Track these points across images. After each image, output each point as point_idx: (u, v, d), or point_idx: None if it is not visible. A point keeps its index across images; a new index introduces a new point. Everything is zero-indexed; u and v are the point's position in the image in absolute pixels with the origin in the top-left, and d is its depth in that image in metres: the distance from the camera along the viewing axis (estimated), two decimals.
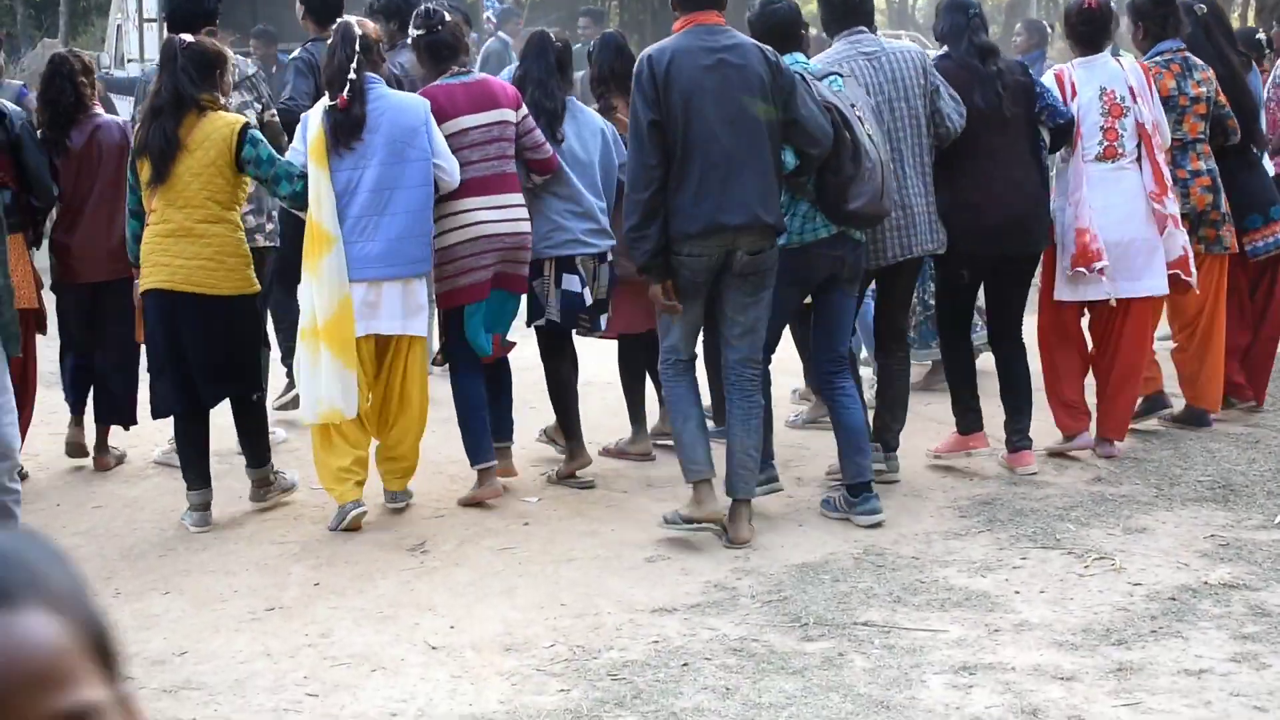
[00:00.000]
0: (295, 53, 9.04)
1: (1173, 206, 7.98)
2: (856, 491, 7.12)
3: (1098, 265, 7.75)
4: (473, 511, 7.38)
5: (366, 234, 7.13)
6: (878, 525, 7.02)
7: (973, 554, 6.62)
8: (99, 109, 8.25)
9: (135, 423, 8.34)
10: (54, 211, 8.16)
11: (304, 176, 7.18)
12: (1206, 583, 6.17)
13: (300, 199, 7.23)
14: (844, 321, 7.43)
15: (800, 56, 7.25)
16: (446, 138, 7.33)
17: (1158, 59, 8.30)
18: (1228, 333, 8.75)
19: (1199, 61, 8.39)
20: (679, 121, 6.54)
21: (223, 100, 7.33)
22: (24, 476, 7.86)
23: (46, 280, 8.21)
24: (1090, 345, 8.35)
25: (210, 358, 7.30)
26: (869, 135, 6.83)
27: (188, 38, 7.34)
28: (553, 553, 6.76)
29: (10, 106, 8.11)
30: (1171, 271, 7.98)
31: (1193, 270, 8.04)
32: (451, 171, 7.27)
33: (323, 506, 7.50)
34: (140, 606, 6.22)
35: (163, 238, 7.16)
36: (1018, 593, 6.12)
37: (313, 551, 6.87)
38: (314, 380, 7.15)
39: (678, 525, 6.76)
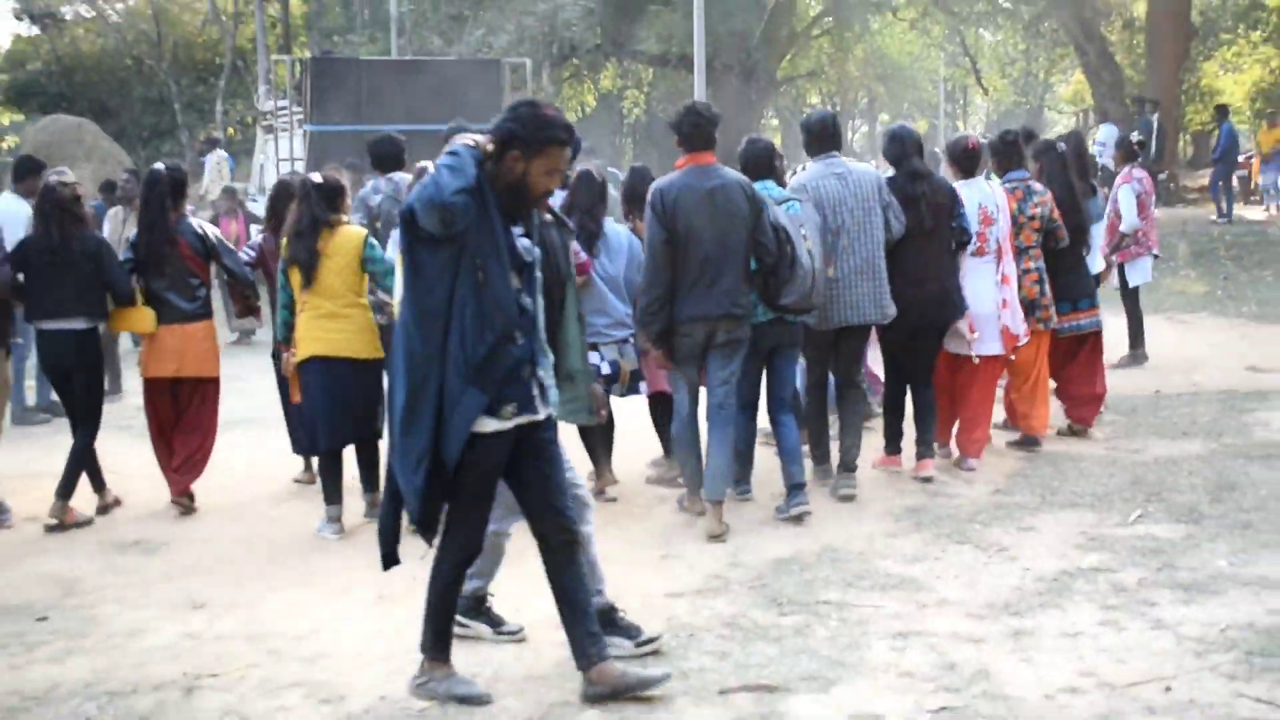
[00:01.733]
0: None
1: (1009, 293, 8.24)
2: (792, 491, 7.27)
3: (972, 335, 8.11)
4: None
5: None
6: (805, 513, 7.17)
7: (905, 549, 6.66)
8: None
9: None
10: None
11: (387, 273, 7.29)
12: (1079, 568, 6.21)
13: (390, 287, 7.22)
14: (786, 377, 7.59)
15: (770, 184, 7.35)
16: None
17: (1007, 185, 8.45)
18: (1073, 383, 9.17)
19: (1039, 188, 8.60)
20: (682, 240, 6.68)
21: (345, 218, 7.43)
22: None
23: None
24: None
25: (347, 406, 7.34)
26: (808, 250, 6.95)
27: (316, 176, 7.47)
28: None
29: (210, 227, 8.20)
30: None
31: (1017, 339, 8.33)
32: None
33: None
34: (284, 596, 6.26)
35: (318, 319, 7.27)
36: (938, 578, 6.16)
37: (412, 554, 6.87)
38: None
39: (680, 508, 7.32)
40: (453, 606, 4.94)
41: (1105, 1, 34.37)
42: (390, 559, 4.84)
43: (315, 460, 8.35)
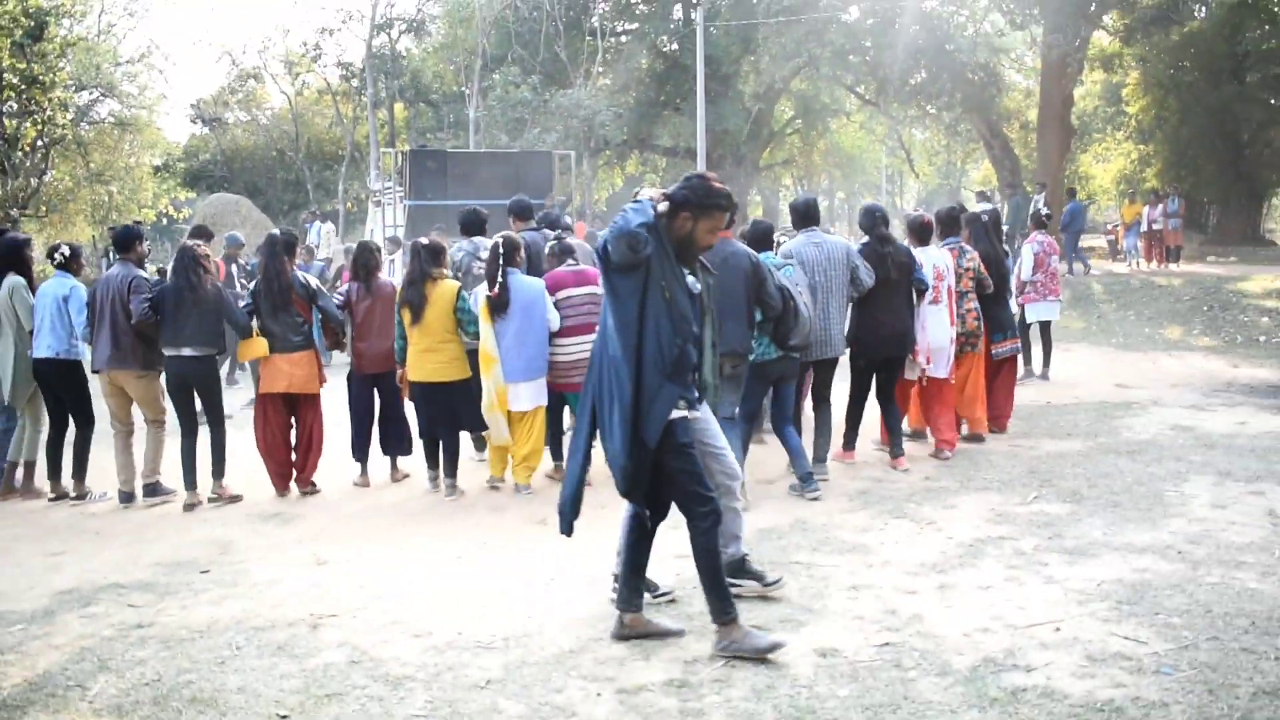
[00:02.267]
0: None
1: (953, 331, 8.28)
2: (805, 478, 7.25)
3: (923, 362, 8.15)
4: None
5: (512, 357, 7.35)
6: (817, 499, 7.12)
7: (857, 522, 6.59)
8: (380, 275, 8.30)
9: (410, 453, 8.35)
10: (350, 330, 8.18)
11: (477, 323, 7.41)
12: (989, 537, 6.15)
13: (477, 334, 7.45)
14: (788, 399, 7.49)
15: (770, 254, 7.34)
16: (558, 301, 7.55)
17: (947, 246, 8.48)
18: (996, 395, 9.13)
19: (969, 248, 8.64)
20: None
21: (446, 273, 7.59)
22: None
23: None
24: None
25: (440, 413, 7.58)
26: (804, 304, 6.96)
27: (424, 240, 7.65)
28: (617, 524, 6.69)
29: (312, 279, 8.20)
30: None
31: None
32: (552, 323, 7.48)
33: (482, 504, 7.50)
34: (384, 556, 6.24)
35: (421, 352, 7.48)
36: (882, 544, 6.10)
37: (481, 524, 6.89)
38: (495, 426, 7.44)
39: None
40: (722, 572, 4.61)
41: (1006, 108, 34.32)
42: (568, 529, 4.73)
43: (371, 468, 8.37)
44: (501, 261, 7.32)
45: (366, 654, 4.71)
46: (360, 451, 8.20)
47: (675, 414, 4.48)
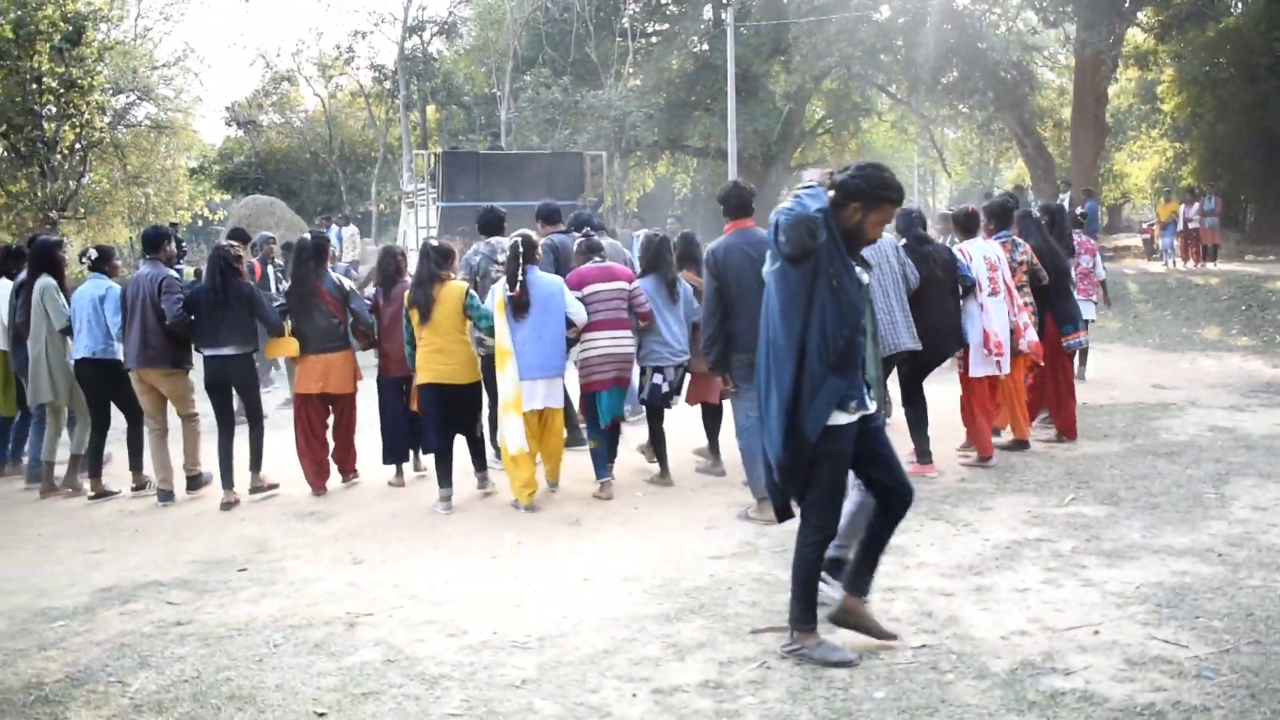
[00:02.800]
0: (541, 242, 8.90)
1: (1017, 319, 8.12)
2: None
3: (998, 354, 7.95)
4: (604, 502, 7.38)
5: (528, 352, 7.24)
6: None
7: None
8: (406, 277, 8.32)
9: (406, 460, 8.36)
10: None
11: (490, 317, 7.34)
12: (1026, 538, 6.09)
13: (490, 329, 7.37)
14: None
15: None
16: (584, 297, 7.48)
17: (999, 239, 8.33)
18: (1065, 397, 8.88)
19: (1021, 241, 8.45)
20: (731, 287, 6.63)
21: (452, 274, 7.48)
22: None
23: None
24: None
25: (456, 416, 7.44)
26: None
27: (434, 240, 7.58)
28: (652, 524, 6.75)
29: (347, 280, 8.25)
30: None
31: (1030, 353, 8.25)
32: (579, 316, 7.40)
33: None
34: (420, 555, 6.26)
35: (431, 353, 7.32)
36: (918, 545, 6.06)
37: (515, 524, 6.89)
38: (510, 430, 7.24)
39: (747, 519, 6.75)
40: (816, 582, 4.50)
41: (1039, 106, 34.08)
42: (784, 513, 4.57)
43: (408, 468, 8.44)
44: (521, 260, 7.27)
45: (402, 653, 4.72)
46: (393, 455, 8.19)
47: (845, 418, 4.33)
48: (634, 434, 8.80)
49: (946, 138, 43.63)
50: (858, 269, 4.43)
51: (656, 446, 7.96)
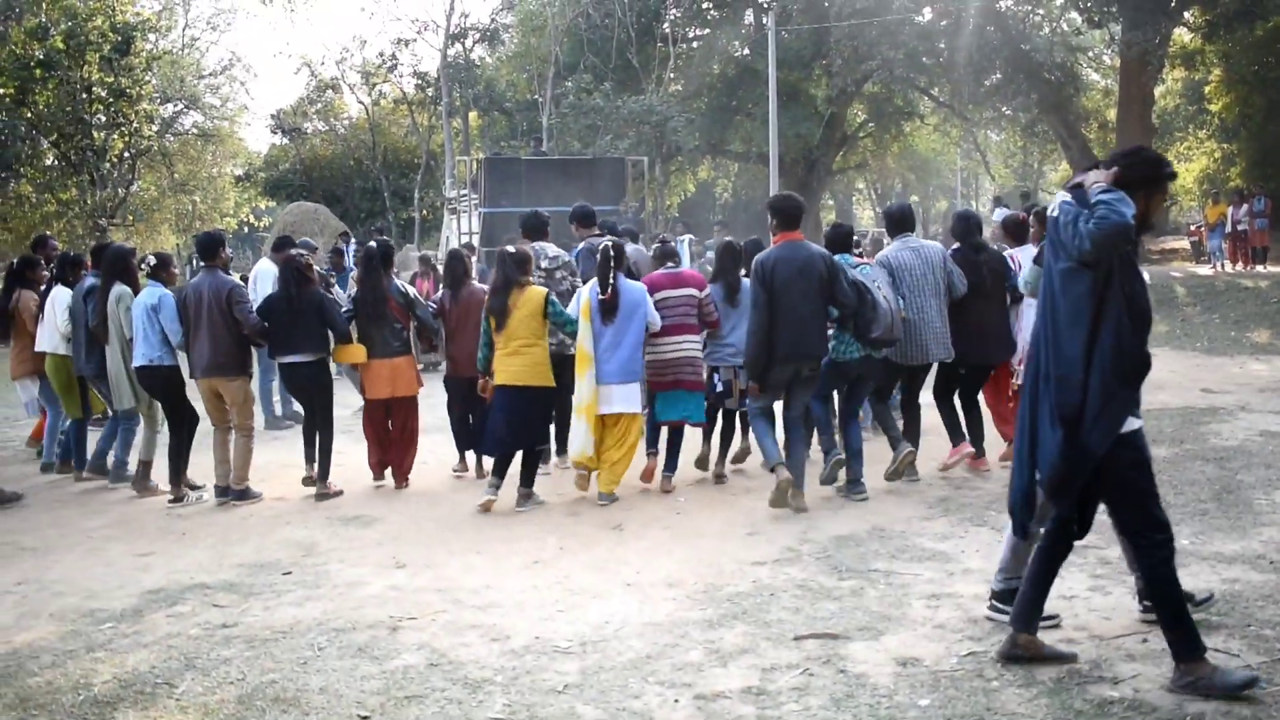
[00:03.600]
0: (579, 246, 8.97)
1: None
2: (854, 484, 7.26)
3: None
4: (646, 506, 7.38)
5: (608, 359, 7.44)
6: (864, 500, 7.14)
7: (936, 529, 6.50)
8: (472, 281, 8.45)
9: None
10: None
11: (575, 322, 7.50)
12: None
13: (573, 334, 7.53)
14: (860, 398, 7.56)
15: (847, 256, 7.39)
16: (656, 302, 7.63)
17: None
18: None
19: None
20: (778, 297, 6.65)
21: (530, 280, 7.56)
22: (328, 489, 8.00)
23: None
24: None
25: (521, 422, 7.48)
26: (884, 296, 6.91)
27: (510, 248, 7.68)
28: (694, 530, 6.73)
29: (409, 287, 8.41)
30: None
31: None
32: (655, 322, 7.57)
33: (559, 509, 7.52)
34: (464, 559, 6.27)
35: (506, 356, 7.45)
36: (963, 552, 6.00)
37: (558, 529, 6.90)
38: (579, 435, 7.50)
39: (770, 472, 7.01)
40: (1182, 602, 4.11)
41: (1084, 108, 33.74)
42: (1023, 529, 4.38)
43: (470, 457, 8.61)
44: (612, 265, 7.44)
45: (445, 656, 4.74)
46: (461, 441, 8.54)
47: (1137, 422, 4.11)
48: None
49: (990, 140, 43.33)
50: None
51: (722, 440, 8.21)
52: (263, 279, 10.43)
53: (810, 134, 32.60)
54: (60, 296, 9.02)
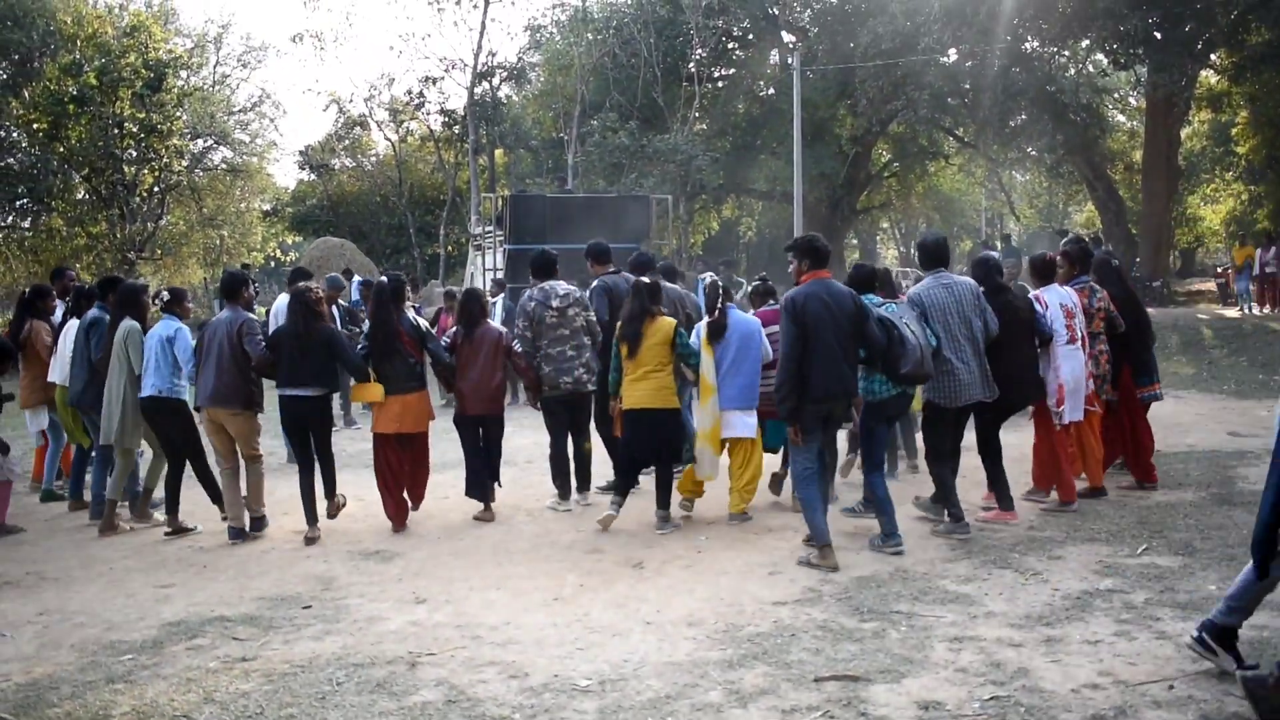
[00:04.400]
0: (594, 284, 8.99)
1: (1092, 367, 8.09)
2: (889, 536, 6.98)
3: (1059, 409, 7.87)
4: (667, 543, 7.35)
5: (727, 384, 7.80)
6: (899, 554, 6.87)
7: (960, 571, 6.44)
8: (488, 321, 8.45)
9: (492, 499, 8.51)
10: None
11: (698, 354, 7.90)
12: (1098, 589, 5.96)
13: (697, 366, 7.92)
14: (885, 442, 7.43)
15: (872, 295, 7.38)
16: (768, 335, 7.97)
17: (1076, 286, 8.23)
18: (1143, 448, 8.72)
19: (1098, 288, 8.33)
20: (812, 334, 6.59)
21: (662, 310, 7.96)
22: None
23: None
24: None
25: (651, 441, 7.86)
26: (911, 331, 6.83)
27: (646, 279, 8.05)
28: (715, 568, 6.70)
29: (423, 320, 8.40)
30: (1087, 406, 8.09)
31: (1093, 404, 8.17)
32: (769, 354, 7.88)
33: (579, 546, 7.50)
34: (483, 595, 6.26)
35: (635, 381, 7.83)
36: (986, 594, 5.95)
37: (578, 566, 6.88)
38: (705, 460, 7.94)
39: (809, 564, 6.64)
40: None
41: (1110, 149, 33.69)
42: (1263, 568, 4.30)
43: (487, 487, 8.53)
44: (720, 297, 7.90)
45: (464, 693, 4.72)
46: (476, 489, 8.40)
47: None
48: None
49: (1015, 181, 43.30)
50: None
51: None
52: (282, 314, 10.47)
53: (835, 173, 32.70)
54: (73, 329, 9.09)
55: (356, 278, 20.19)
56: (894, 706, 4.40)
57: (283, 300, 11.08)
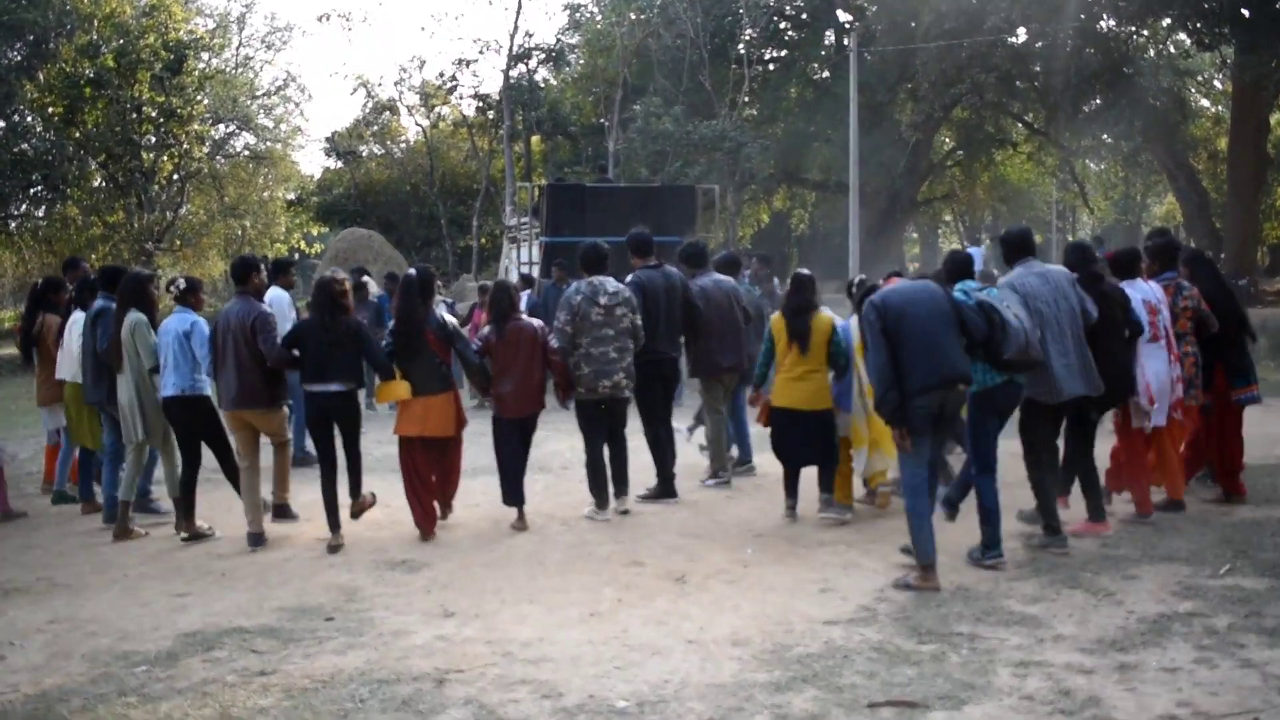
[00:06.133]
0: (629, 278, 8.93)
1: (1178, 369, 7.98)
2: (991, 547, 6.93)
3: (1151, 407, 7.82)
4: (710, 556, 7.33)
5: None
6: (997, 568, 6.84)
7: (1026, 591, 6.37)
8: (519, 314, 8.44)
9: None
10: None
11: (849, 355, 8.08)
12: (1176, 612, 5.88)
13: (845, 366, 8.11)
14: (994, 440, 7.19)
15: (968, 282, 7.25)
16: None
17: (1161, 282, 8.14)
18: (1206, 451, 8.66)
19: (1187, 284, 8.23)
20: (894, 328, 6.49)
21: (821, 303, 8.28)
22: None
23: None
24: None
25: (806, 441, 8.14)
26: (1015, 315, 6.71)
27: (804, 271, 8.36)
28: (762, 584, 6.67)
29: (450, 318, 8.38)
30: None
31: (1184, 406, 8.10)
32: None
33: (617, 558, 7.51)
34: (515, 609, 6.27)
35: (792, 380, 8.10)
36: (1055, 616, 5.88)
37: (615, 580, 6.88)
38: (875, 460, 8.15)
39: (907, 587, 6.51)
40: None
41: (1192, 136, 33.30)
42: None
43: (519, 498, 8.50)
44: (866, 294, 7.76)
45: (493, 713, 4.73)
46: (512, 497, 8.35)
47: None
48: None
49: (1089, 170, 42.87)
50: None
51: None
52: (276, 304, 10.22)
53: (893, 162, 32.52)
54: (79, 322, 9.12)
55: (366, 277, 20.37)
56: None
57: (272, 293, 10.75)
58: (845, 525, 8.02)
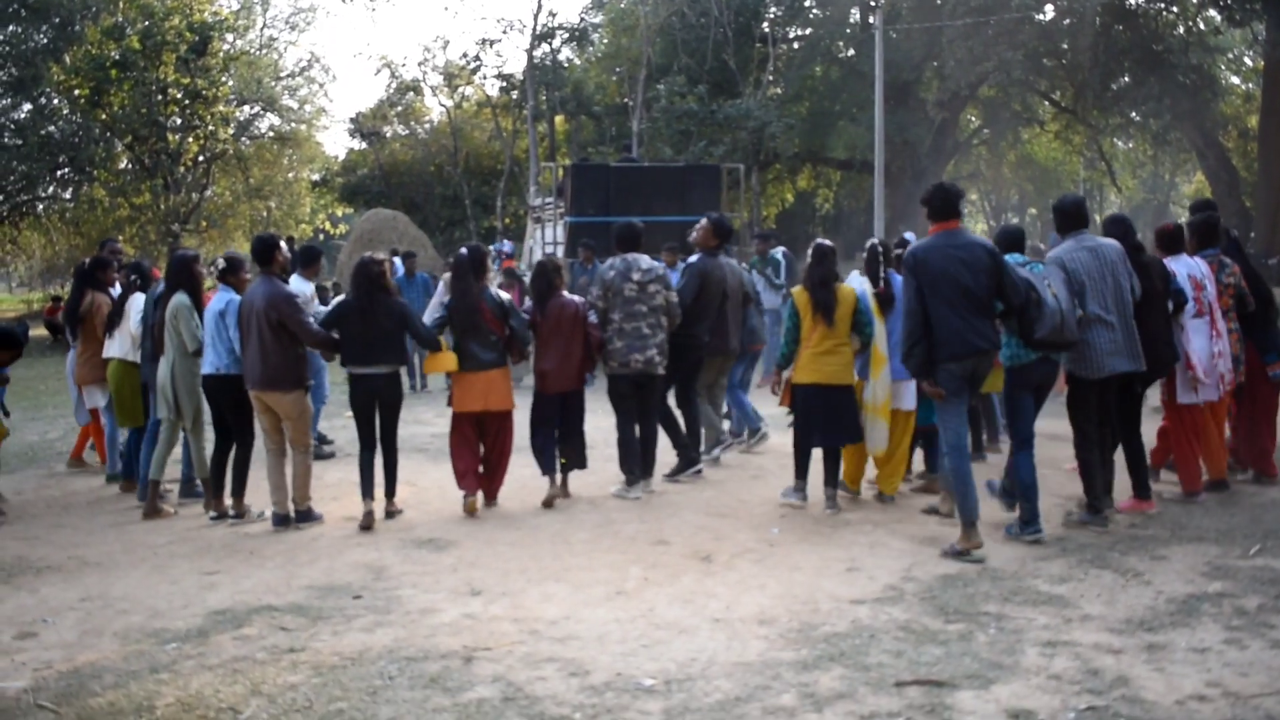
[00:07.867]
0: (693, 259, 9.17)
1: (1222, 345, 7.93)
2: (1029, 523, 6.96)
3: (1201, 380, 7.81)
4: (736, 535, 7.34)
5: (896, 355, 7.60)
6: (1039, 541, 6.88)
7: (1054, 571, 6.36)
8: (563, 292, 8.51)
9: (585, 467, 8.71)
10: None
11: (873, 323, 7.94)
12: (1205, 592, 5.85)
13: (870, 338, 7.97)
14: (1032, 416, 7.22)
15: (1016, 255, 7.35)
16: None
17: (1205, 258, 8.09)
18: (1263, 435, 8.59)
19: (1228, 261, 8.19)
20: (931, 290, 6.51)
21: (841, 276, 8.12)
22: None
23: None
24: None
25: (833, 417, 7.95)
26: (1053, 294, 6.69)
27: (827, 241, 8.25)
28: (789, 563, 6.68)
29: (504, 294, 8.44)
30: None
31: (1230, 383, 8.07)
32: None
33: (644, 536, 7.52)
34: (543, 588, 6.30)
35: (819, 355, 7.91)
36: (1083, 596, 5.86)
37: (642, 558, 6.89)
38: (876, 433, 7.98)
39: (952, 555, 6.60)
40: None
41: (1222, 114, 32.96)
42: None
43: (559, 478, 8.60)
44: (881, 261, 7.91)
45: (521, 691, 4.76)
46: (547, 465, 8.47)
47: None
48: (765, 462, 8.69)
49: (1116, 149, 42.49)
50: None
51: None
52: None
53: (919, 141, 32.35)
54: (138, 303, 9.26)
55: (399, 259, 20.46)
56: (981, 715, 4.36)
57: (294, 285, 10.64)
58: (870, 505, 8.01)
